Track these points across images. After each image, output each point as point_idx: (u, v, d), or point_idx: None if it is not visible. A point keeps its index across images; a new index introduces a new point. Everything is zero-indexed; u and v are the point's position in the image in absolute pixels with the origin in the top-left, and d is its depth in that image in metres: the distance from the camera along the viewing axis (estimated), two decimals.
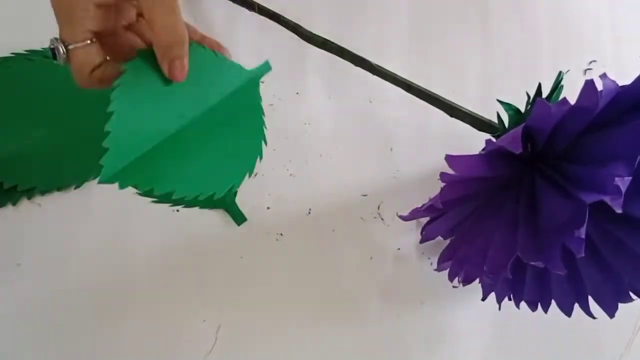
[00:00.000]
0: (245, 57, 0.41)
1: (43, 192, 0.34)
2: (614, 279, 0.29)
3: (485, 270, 0.29)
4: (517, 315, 0.36)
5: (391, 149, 0.41)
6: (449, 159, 0.27)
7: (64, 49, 0.25)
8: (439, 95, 0.35)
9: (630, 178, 0.23)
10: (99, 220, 0.35)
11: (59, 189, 0.35)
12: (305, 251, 0.37)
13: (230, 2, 0.41)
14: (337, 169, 0.39)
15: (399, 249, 0.38)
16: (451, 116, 0.35)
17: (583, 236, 0.24)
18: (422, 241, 0.34)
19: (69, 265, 0.34)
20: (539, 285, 0.32)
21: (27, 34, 0.38)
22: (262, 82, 0.40)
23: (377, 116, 0.41)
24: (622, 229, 0.28)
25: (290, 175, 0.39)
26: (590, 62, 0.45)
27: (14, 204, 0.34)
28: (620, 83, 0.25)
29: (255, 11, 0.39)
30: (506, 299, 0.33)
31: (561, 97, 0.31)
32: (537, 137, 0.28)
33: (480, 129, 0.35)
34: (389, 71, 0.36)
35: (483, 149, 0.33)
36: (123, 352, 0.32)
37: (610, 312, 0.30)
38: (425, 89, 0.35)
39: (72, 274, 0.33)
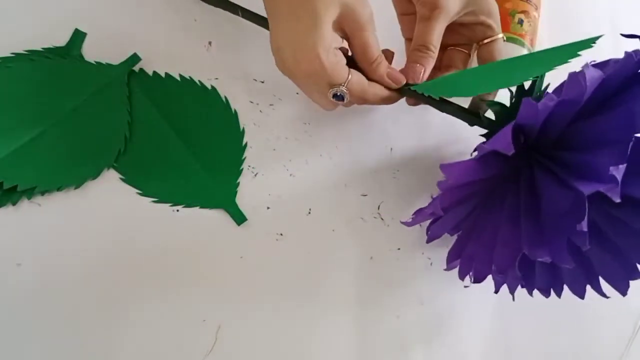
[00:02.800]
0: (247, 57, 0.41)
1: (43, 192, 0.34)
2: (621, 259, 0.30)
3: (494, 269, 0.30)
4: (517, 315, 0.36)
5: (391, 149, 0.41)
6: (443, 168, 0.27)
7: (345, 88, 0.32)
8: None
9: (625, 165, 0.23)
10: (99, 220, 0.35)
11: (59, 189, 0.35)
12: (305, 251, 0.37)
13: (221, 8, 0.40)
14: (337, 169, 0.39)
15: (399, 249, 0.38)
16: (442, 112, 0.35)
17: (586, 229, 0.24)
18: (428, 241, 0.34)
19: (69, 265, 0.34)
20: (550, 272, 0.32)
21: (27, 34, 0.38)
22: (263, 82, 0.41)
23: (377, 116, 0.41)
24: (623, 210, 0.29)
25: (290, 175, 0.39)
26: (591, 62, 0.45)
27: (14, 204, 0.34)
28: None
29: (239, 15, 0.39)
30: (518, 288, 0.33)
31: (544, 85, 0.31)
32: (529, 131, 0.28)
33: (471, 124, 0.35)
34: None
35: (475, 150, 0.33)
36: (123, 352, 0.32)
37: (622, 290, 0.30)
38: (415, 89, 0.35)
39: (72, 274, 0.33)
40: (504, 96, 0.35)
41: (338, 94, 0.33)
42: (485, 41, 0.36)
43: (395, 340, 0.36)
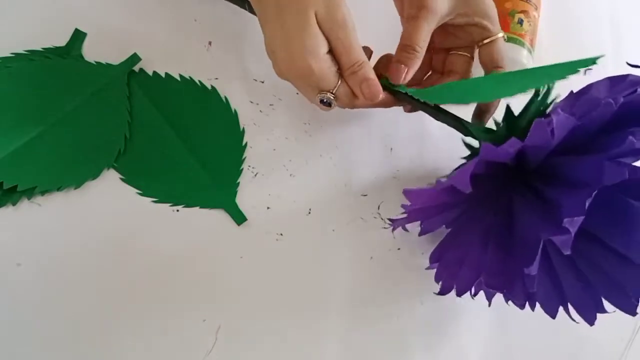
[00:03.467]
0: (247, 57, 0.41)
1: (43, 192, 0.34)
2: (590, 291, 0.29)
3: (455, 287, 0.30)
4: (517, 315, 0.36)
5: (391, 149, 0.41)
6: (407, 194, 0.27)
7: (332, 95, 0.33)
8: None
9: (582, 217, 0.23)
10: (99, 220, 0.35)
11: (59, 189, 0.35)
12: (305, 251, 0.37)
13: (228, 1, 0.41)
14: (337, 169, 0.39)
15: (399, 249, 0.38)
16: (437, 120, 0.36)
17: (534, 273, 0.24)
18: (420, 234, 0.34)
19: (69, 266, 0.33)
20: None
21: (27, 34, 0.38)
22: (263, 82, 0.41)
23: (377, 116, 0.41)
24: (597, 249, 0.29)
25: (290, 175, 0.39)
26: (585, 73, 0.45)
27: (14, 204, 0.34)
28: None
29: (245, 9, 0.39)
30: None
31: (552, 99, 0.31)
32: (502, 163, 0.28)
33: (465, 134, 0.35)
34: None
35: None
36: (123, 352, 0.32)
37: (589, 320, 0.30)
38: (412, 94, 0.35)
39: (72, 274, 0.33)
40: (520, 103, 0.34)
41: (324, 100, 0.33)
42: (485, 42, 0.35)
43: (395, 341, 0.36)
